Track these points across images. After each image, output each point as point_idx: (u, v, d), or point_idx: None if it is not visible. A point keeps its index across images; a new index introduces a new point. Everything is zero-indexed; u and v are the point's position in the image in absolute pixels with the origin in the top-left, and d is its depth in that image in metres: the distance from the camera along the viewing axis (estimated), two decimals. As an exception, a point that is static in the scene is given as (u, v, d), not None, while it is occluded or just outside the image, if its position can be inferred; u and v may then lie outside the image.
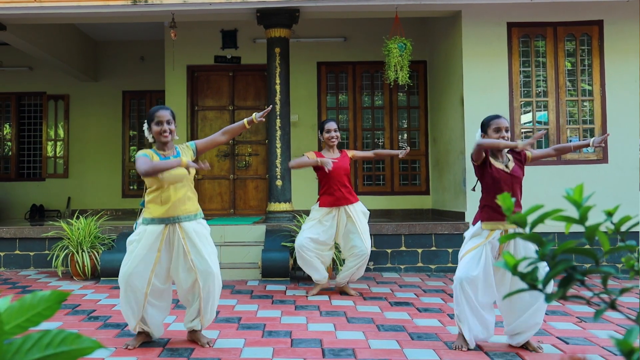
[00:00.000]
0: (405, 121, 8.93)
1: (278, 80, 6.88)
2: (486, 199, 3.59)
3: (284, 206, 6.84)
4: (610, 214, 1.00)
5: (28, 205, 10.00)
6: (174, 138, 3.61)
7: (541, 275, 0.91)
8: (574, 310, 4.57)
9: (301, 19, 7.01)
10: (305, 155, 5.01)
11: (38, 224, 7.48)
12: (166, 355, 3.41)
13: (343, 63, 8.85)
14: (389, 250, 6.48)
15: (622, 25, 6.77)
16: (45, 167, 10.42)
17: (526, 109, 6.91)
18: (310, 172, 8.53)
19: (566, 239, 0.92)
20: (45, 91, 10.40)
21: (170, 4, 6.54)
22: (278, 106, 6.86)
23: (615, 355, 3.34)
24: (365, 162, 8.75)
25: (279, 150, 6.81)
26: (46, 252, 6.54)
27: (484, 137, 3.60)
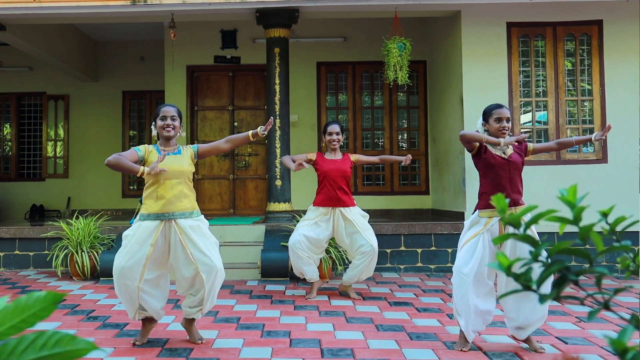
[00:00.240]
0: (405, 121, 8.93)
1: (277, 80, 6.88)
2: (484, 186, 3.61)
3: (283, 206, 6.85)
4: (605, 214, 1.00)
5: (28, 205, 10.00)
6: (177, 134, 3.69)
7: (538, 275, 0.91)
8: (573, 310, 4.58)
9: (301, 19, 7.01)
10: (307, 156, 5.11)
11: (38, 224, 7.49)
12: (165, 355, 3.42)
13: (343, 63, 8.85)
14: (389, 250, 6.48)
15: (622, 25, 6.77)
16: (45, 167, 10.43)
17: (526, 109, 6.91)
18: (310, 173, 8.56)
19: (570, 239, 0.92)
20: (45, 91, 10.40)
21: (170, 4, 6.55)
22: (277, 106, 6.86)
23: (614, 355, 3.33)
24: (361, 165, 8.73)
25: (278, 151, 6.81)
26: (46, 252, 6.54)
27: (485, 126, 3.61)
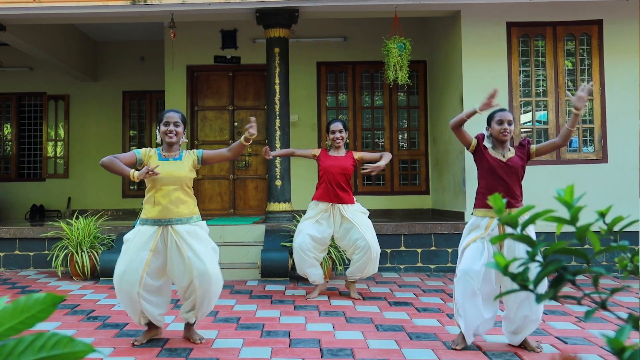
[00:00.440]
0: (405, 121, 8.93)
1: (277, 80, 6.88)
2: (480, 186, 3.66)
3: (283, 206, 6.85)
4: (602, 214, 1.00)
5: (28, 205, 10.01)
6: (179, 141, 3.68)
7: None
8: (573, 310, 4.58)
9: (300, 19, 7.01)
10: (312, 151, 5.24)
11: (38, 224, 7.49)
12: (164, 355, 3.42)
13: (343, 63, 8.85)
14: (389, 250, 6.48)
15: (622, 24, 6.77)
16: (46, 167, 10.43)
17: (526, 109, 6.91)
18: (310, 173, 8.58)
19: (569, 239, 0.92)
20: (46, 91, 10.41)
21: (170, 4, 6.55)
22: (277, 106, 6.87)
23: (613, 354, 3.33)
24: (365, 162, 8.72)
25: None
26: (46, 252, 6.55)
27: (488, 130, 3.66)
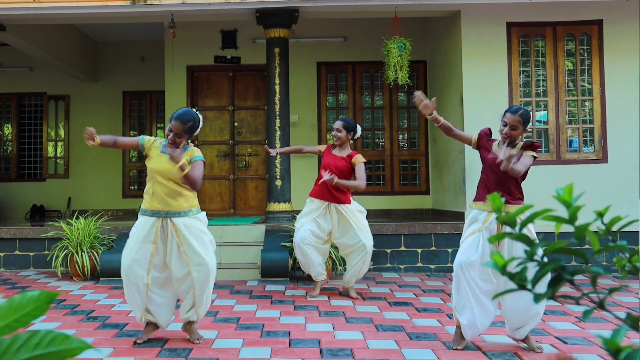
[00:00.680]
0: (405, 121, 8.93)
1: (277, 81, 6.88)
2: (480, 179, 3.71)
3: (283, 206, 6.85)
4: (601, 214, 1.00)
5: (28, 205, 10.01)
6: (179, 145, 3.61)
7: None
8: (573, 310, 4.57)
9: (300, 19, 7.01)
10: (318, 147, 5.33)
11: (38, 224, 7.49)
12: (164, 355, 3.42)
13: (343, 63, 8.85)
14: (389, 250, 6.47)
15: (622, 24, 6.76)
16: (46, 168, 10.44)
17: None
18: (310, 172, 8.58)
19: (568, 238, 0.91)
20: (46, 91, 10.41)
21: (169, 4, 6.55)
22: (277, 106, 6.86)
23: (610, 355, 3.33)
24: (365, 163, 8.72)
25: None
26: (46, 253, 6.55)
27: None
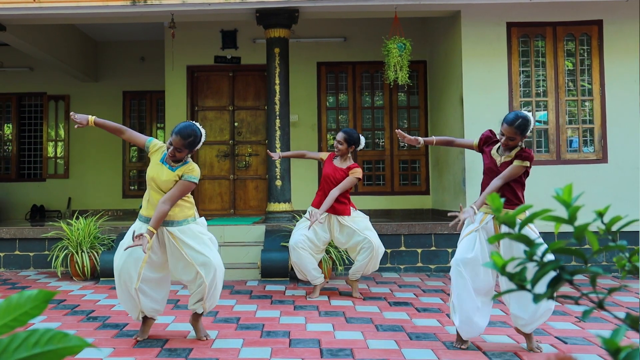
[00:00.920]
0: (405, 121, 8.93)
1: (277, 81, 6.88)
2: (482, 183, 3.71)
3: (283, 206, 6.84)
4: (601, 214, 1.00)
5: (28, 205, 10.01)
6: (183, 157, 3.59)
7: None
8: (573, 310, 4.57)
9: (300, 19, 7.01)
10: (320, 155, 5.31)
11: (38, 224, 7.49)
12: (164, 355, 3.42)
13: (343, 63, 8.85)
14: (389, 250, 6.47)
15: (622, 25, 6.76)
16: (46, 168, 10.43)
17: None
18: (310, 173, 8.58)
19: (568, 238, 0.91)
20: (46, 91, 10.41)
21: (170, 4, 6.55)
22: (278, 106, 6.86)
23: (610, 355, 3.33)
24: (365, 162, 8.75)
25: (278, 151, 6.80)
26: (46, 253, 6.54)
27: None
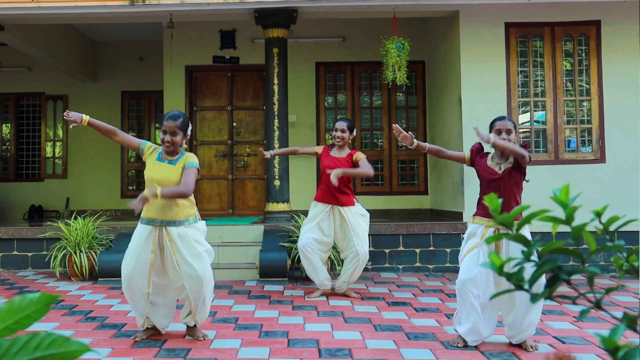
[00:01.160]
0: (404, 121, 8.93)
1: (276, 81, 6.88)
2: (480, 194, 3.68)
3: (282, 206, 6.84)
4: (599, 214, 1.00)
5: (27, 205, 10.00)
6: (177, 148, 3.62)
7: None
8: (571, 310, 4.58)
9: (299, 19, 7.01)
10: (314, 149, 5.29)
11: (36, 224, 7.48)
12: (163, 355, 3.42)
13: (341, 63, 8.85)
14: (387, 250, 6.48)
15: (620, 25, 6.78)
16: (44, 168, 10.42)
17: (524, 109, 6.91)
18: (309, 173, 8.58)
19: (566, 238, 0.91)
20: (44, 91, 10.40)
21: (168, 4, 6.54)
22: (276, 106, 6.86)
23: (609, 354, 3.33)
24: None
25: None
26: (44, 253, 6.54)
27: None
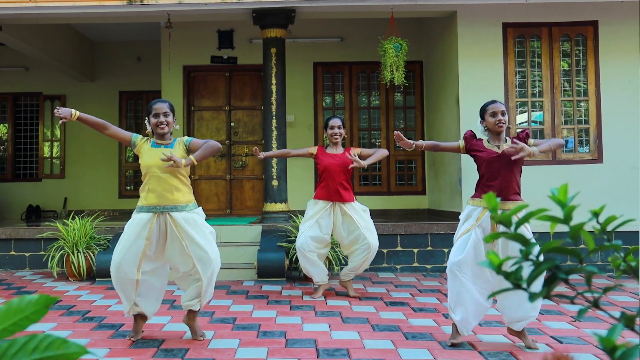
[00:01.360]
0: (401, 121, 8.94)
1: (274, 81, 6.88)
2: (479, 177, 3.71)
3: (280, 206, 6.84)
4: (596, 213, 1.00)
5: (24, 205, 9.98)
6: (171, 129, 3.69)
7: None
8: (568, 309, 4.59)
9: (297, 19, 7.01)
10: (308, 149, 5.23)
11: (34, 224, 7.47)
12: (160, 355, 3.41)
13: (339, 63, 8.85)
14: (385, 250, 6.48)
15: (617, 25, 6.79)
16: (42, 168, 10.40)
17: (522, 109, 6.93)
18: (306, 173, 8.58)
19: (564, 238, 0.92)
20: (42, 91, 10.38)
21: (166, 4, 6.54)
22: (274, 106, 6.86)
23: (606, 353, 3.34)
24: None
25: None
26: (42, 253, 6.53)
27: (483, 124, 3.67)
